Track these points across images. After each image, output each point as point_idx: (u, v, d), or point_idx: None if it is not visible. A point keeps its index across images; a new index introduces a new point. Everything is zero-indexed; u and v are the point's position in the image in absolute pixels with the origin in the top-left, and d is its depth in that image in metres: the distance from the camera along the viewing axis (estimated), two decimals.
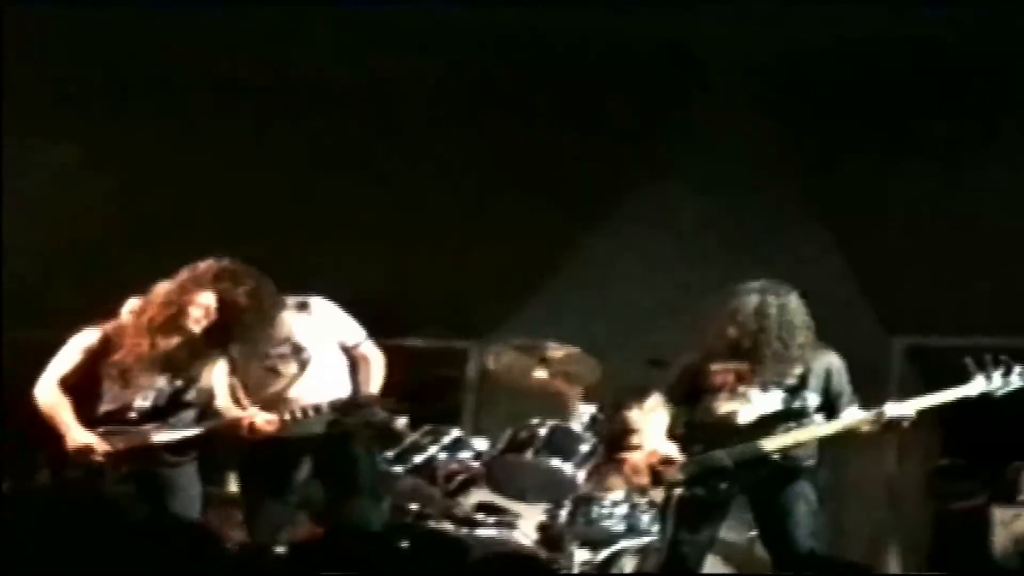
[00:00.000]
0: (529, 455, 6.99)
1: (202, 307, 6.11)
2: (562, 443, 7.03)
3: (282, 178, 8.73)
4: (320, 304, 6.51)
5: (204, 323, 6.13)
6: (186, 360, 6.18)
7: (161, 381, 6.16)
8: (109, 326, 6.23)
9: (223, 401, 6.28)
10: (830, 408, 5.98)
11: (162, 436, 6.15)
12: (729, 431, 5.93)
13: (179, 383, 6.19)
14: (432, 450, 7.06)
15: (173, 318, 6.09)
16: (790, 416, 5.95)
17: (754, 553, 6.94)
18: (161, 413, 6.18)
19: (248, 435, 6.18)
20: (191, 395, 6.22)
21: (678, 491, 5.90)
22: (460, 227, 8.68)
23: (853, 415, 5.97)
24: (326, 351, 6.49)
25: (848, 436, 6.04)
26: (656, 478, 6.00)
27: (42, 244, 8.59)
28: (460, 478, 7.17)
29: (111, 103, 8.80)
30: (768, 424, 5.93)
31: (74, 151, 8.68)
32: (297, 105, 8.72)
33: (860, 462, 7.95)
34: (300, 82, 8.70)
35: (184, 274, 6.16)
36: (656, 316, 8.34)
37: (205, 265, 6.13)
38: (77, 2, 8.42)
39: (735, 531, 6.75)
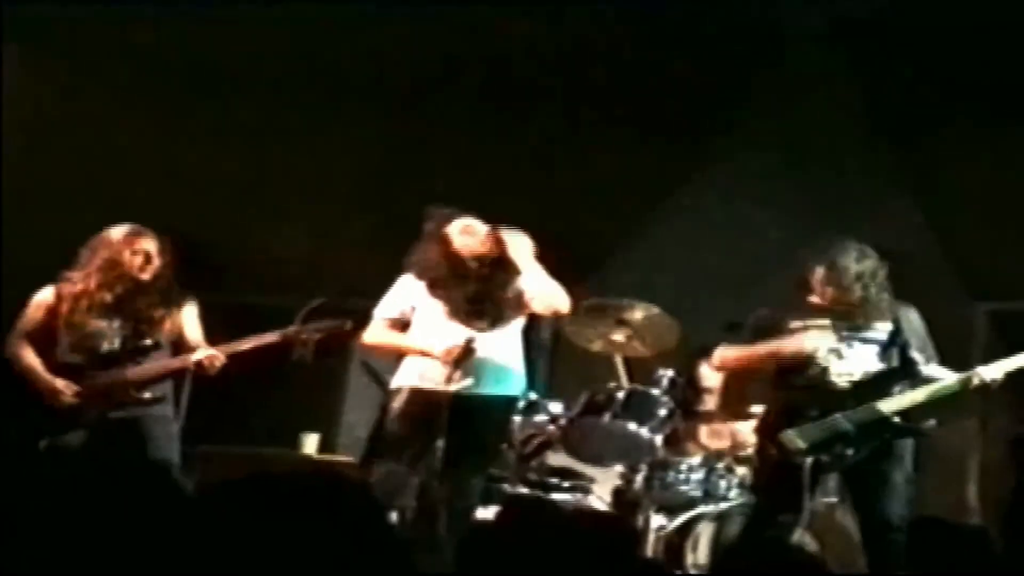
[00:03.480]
0: (606, 419, 6.92)
1: (142, 253, 6.40)
2: (639, 407, 6.96)
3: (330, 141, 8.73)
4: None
5: (149, 270, 6.40)
6: (143, 305, 6.41)
7: (121, 324, 6.38)
8: (62, 284, 6.45)
9: (197, 337, 6.48)
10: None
11: (137, 372, 6.37)
12: (838, 394, 5.85)
13: (143, 326, 6.40)
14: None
15: (116, 266, 6.37)
16: (896, 374, 5.88)
17: (835, 519, 6.87)
18: (132, 355, 6.39)
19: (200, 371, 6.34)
20: (158, 336, 6.42)
21: (808, 460, 5.79)
22: (537, 187, 8.61)
23: (948, 373, 5.91)
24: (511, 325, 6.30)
25: (938, 403, 5.96)
26: (780, 449, 5.89)
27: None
28: (536, 442, 7.11)
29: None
30: (878, 385, 5.85)
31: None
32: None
33: (942, 430, 7.85)
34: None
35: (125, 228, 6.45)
36: (735, 280, 8.27)
37: None
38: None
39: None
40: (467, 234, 6.26)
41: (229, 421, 8.72)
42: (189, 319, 6.53)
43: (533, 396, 7.06)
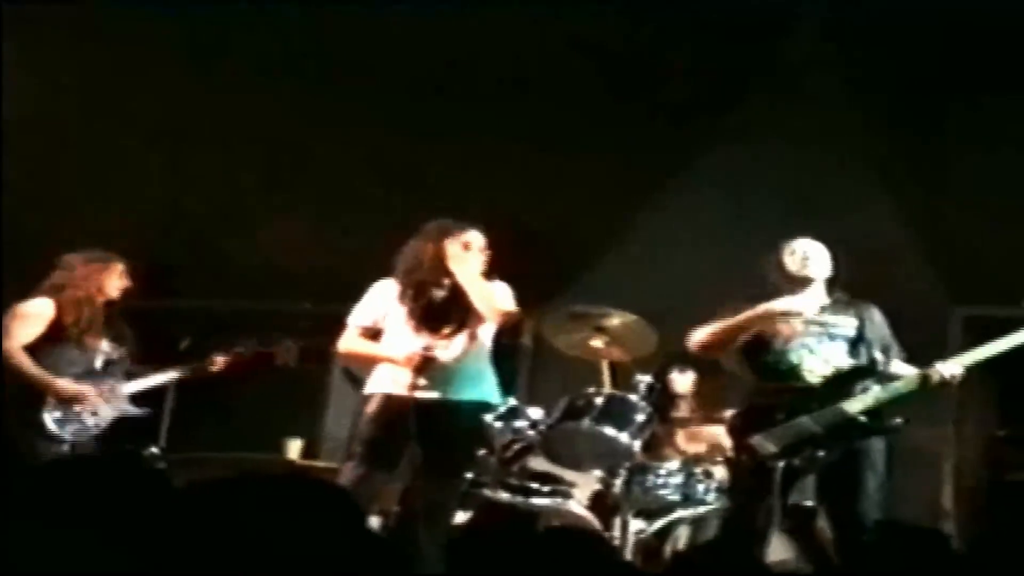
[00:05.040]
0: (585, 424, 6.96)
1: (122, 277, 6.86)
2: (618, 412, 7.00)
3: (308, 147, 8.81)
4: (498, 286, 6.36)
5: (121, 293, 6.86)
6: (117, 324, 6.91)
7: (106, 345, 6.82)
8: (60, 296, 6.75)
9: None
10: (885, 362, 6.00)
11: (131, 386, 6.89)
12: (805, 394, 5.90)
13: (118, 343, 6.87)
14: (487, 418, 6.99)
15: (103, 290, 6.80)
16: (862, 373, 5.93)
17: (811, 523, 6.93)
18: (113, 370, 6.85)
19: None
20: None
21: (780, 464, 5.81)
22: (516, 195, 8.65)
23: (910, 369, 5.97)
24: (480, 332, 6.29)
25: (901, 400, 6.00)
26: (751, 454, 5.92)
27: None
28: (516, 447, 7.15)
29: None
30: (844, 384, 5.90)
31: None
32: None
33: (914, 429, 7.93)
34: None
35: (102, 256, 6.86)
36: (716, 283, 8.32)
37: None
38: None
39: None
40: (464, 246, 6.30)
41: (213, 427, 8.77)
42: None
43: (513, 401, 7.12)
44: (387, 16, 8.22)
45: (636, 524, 7.08)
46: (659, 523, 7.12)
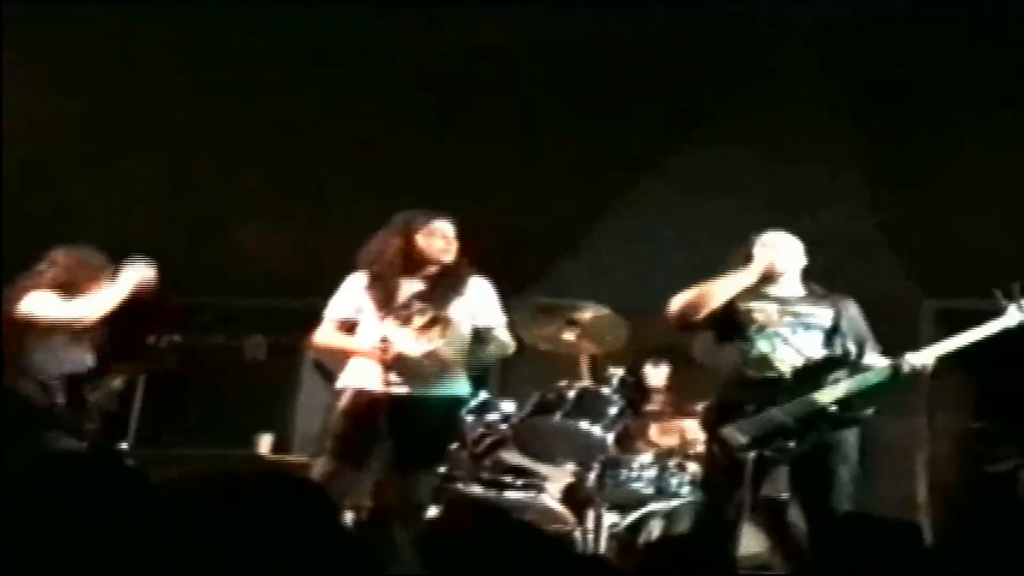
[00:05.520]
0: (557, 417, 6.96)
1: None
2: (591, 405, 7.00)
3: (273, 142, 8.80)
4: (477, 282, 6.37)
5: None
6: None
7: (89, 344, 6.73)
8: (64, 295, 6.66)
9: None
10: (859, 354, 6.00)
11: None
12: (777, 386, 5.88)
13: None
14: (460, 412, 6.97)
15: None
16: (834, 364, 5.92)
17: (784, 515, 6.92)
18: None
19: None
20: None
21: (751, 455, 5.78)
22: (490, 187, 8.64)
23: (882, 361, 5.97)
24: (461, 324, 6.27)
25: (873, 391, 5.99)
26: (722, 445, 5.90)
27: None
28: (488, 440, 7.14)
29: None
30: (815, 375, 5.89)
31: None
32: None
33: (888, 422, 7.95)
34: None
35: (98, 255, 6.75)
36: (690, 278, 8.33)
37: None
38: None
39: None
40: (432, 235, 6.27)
41: (182, 423, 8.73)
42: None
43: (485, 395, 7.10)
44: (377, 16, 8.22)
45: (610, 518, 7.08)
46: (632, 516, 7.11)
